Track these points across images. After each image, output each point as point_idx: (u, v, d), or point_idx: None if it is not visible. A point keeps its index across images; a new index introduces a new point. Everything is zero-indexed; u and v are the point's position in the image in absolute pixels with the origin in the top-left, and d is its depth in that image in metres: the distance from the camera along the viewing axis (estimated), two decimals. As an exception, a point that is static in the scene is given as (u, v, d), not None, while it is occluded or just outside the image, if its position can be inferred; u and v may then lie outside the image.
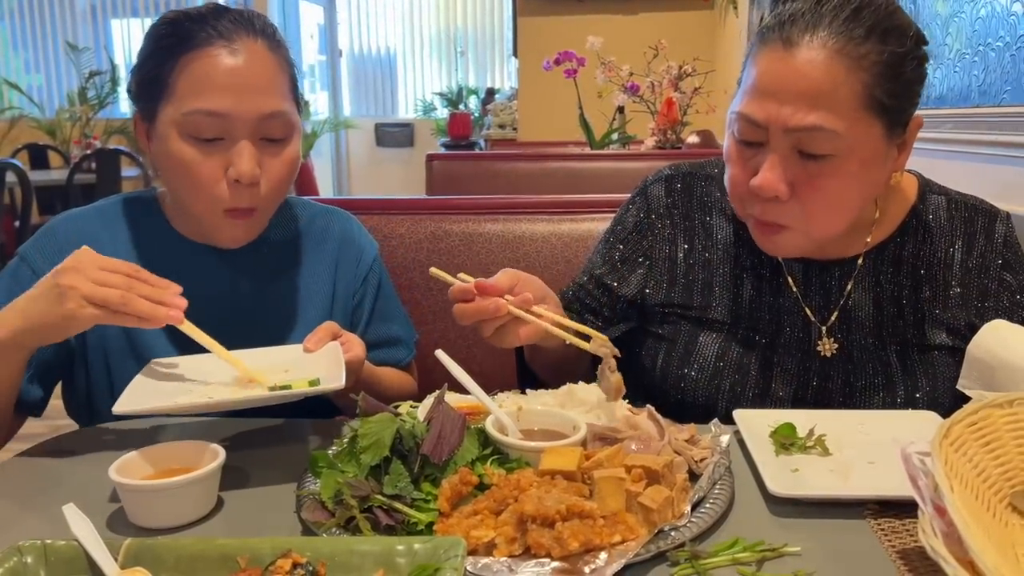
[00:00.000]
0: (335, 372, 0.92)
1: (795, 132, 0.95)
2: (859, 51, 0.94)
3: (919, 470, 0.67)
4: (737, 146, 1.02)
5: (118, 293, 0.90)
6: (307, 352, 1.04)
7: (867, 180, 1.00)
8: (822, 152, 0.96)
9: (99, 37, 8.51)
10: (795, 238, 1.03)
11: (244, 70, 1.04)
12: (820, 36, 0.94)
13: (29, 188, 4.98)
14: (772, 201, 0.99)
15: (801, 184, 0.98)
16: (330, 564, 0.66)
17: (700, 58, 3.70)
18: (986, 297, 1.10)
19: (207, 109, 1.03)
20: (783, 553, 0.72)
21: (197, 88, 1.03)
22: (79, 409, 1.17)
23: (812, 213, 1.00)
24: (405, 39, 9.40)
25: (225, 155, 1.05)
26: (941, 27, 1.90)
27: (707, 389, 1.10)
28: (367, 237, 1.32)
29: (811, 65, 0.94)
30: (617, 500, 0.73)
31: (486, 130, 6.85)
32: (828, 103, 0.94)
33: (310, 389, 0.91)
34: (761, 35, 1.00)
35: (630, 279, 1.19)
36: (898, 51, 0.95)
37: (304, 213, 1.28)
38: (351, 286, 1.27)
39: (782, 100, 0.95)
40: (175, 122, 1.04)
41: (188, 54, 1.04)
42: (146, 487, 0.78)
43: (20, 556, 0.67)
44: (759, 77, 0.98)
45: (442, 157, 3.01)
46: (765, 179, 0.98)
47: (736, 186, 1.04)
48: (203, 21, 1.05)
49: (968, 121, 1.77)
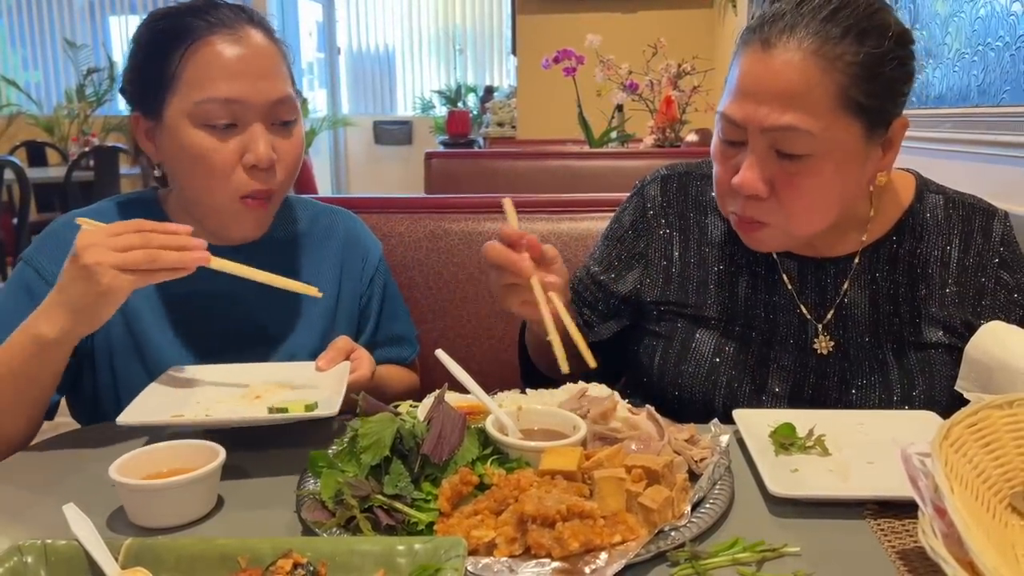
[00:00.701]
0: (333, 399, 0.94)
1: (771, 132, 0.97)
2: (835, 52, 0.95)
3: (919, 471, 0.67)
4: (721, 145, 1.05)
5: (142, 253, 0.91)
6: (319, 371, 1.06)
7: (846, 180, 1.01)
8: (798, 152, 0.97)
9: (97, 34, 8.49)
10: (775, 235, 1.05)
11: (250, 56, 1.06)
12: (797, 37, 0.95)
13: (27, 186, 4.97)
14: (752, 199, 1.01)
15: (780, 183, 0.99)
16: (331, 564, 0.66)
17: (699, 56, 3.70)
18: (983, 295, 1.10)
19: (222, 96, 1.04)
20: (783, 553, 0.72)
21: (207, 77, 1.04)
22: (84, 411, 1.17)
23: (791, 211, 1.01)
24: (404, 37, 9.39)
25: (239, 141, 1.06)
26: (940, 27, 1.90)
27: (704, 385, 1.11)
28: (371, 237, 1.32)
29: (787, 66, 0.95)
30: (617, 500, 0.73)
31: (485, 128, 6.84)
32: (803, 104, 0.95)
33: (305, 415, 0.92)
34: (744, 36, 1.02)
35: (626, 277, 1.20)
36: (875, 52, 0.95)
37: (307, 212, 1.28)
38: (357, 287, 1.27)
39: (759, 100, 0.97)
40: (186, 113, 1.05)
41: (192, 45, 1.05)
42: (146, 487, 0.78)
43: (20, 556, 0.67)
44: (740, 78, 1.00)
45: (441, 155, 3.01)
46: (744, 178, 1.00)
47: (720, 184, 1.07)
48: (201, 13, 1.06)
49: (967, 121, 1.77)
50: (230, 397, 1.01)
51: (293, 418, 0.92)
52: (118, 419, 0.88)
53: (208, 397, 1.01)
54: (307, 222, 1.26)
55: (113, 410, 1.12)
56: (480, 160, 3.04)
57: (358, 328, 1.27)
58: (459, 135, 7.07)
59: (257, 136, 1.06)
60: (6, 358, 0.95)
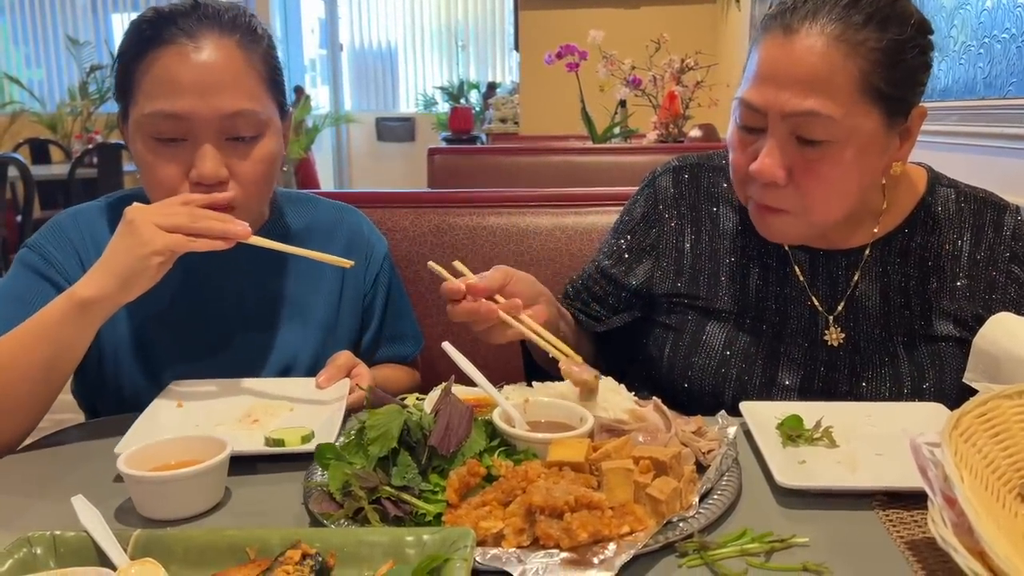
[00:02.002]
0: (331, 428, 0.93)
1: (792, 117, 0.97)
2: (857, 38, 0.95)
3: (929, 461, 0.67)
4: (739, 132, 1.04)
5: (186, 211, 0.94)
6: (319, 388, 1.06)
7: (865, 167, 1.00)
8: (819, 138, 0.97)
9: (100, 31, 8.50)
10: (794, 223, 1.04)
11: (205, 69, 1.02)
12: (820, 23, 0.96)
13: (31, 183, 4.98)
14: (770, 186, 1.01)
15: (799, 170, 0.99)
16: (340, 555, 0.67)
17: (702, 52, 3.69)
18: (994, 289, 1.10)
19: (166, 111, 1.02)
20: (791, 544, 0.72)
21: (158, 89, 1.02)
22: (85, 393, 1.18)
23: (810, 199, 1.00)
24: (406, 33, 9.38)
25: (187, 157, 1.03)
26: (946, 19, 1.89)
27: (714, 378, 1.11)
28: (376, 234, 1.31)
29: (809, 51, 0.95)
30: (625, 491, 0.73)
31: (487, 124, 6.84)
32: (825, 89, 0.95)
33: (301, 448, 0.89)
34: (764, 23, 1.02)
35: (636, 270, 1.19)
36: (897, 38, 0.96)
37: (313, 208, 1.28)
38: (361, 284, 1.27)
39: (780, 85, 0.97)
40: (138, 124, 1.04)
41: (152, 52, 1.03)
42: (155, 478, 0.78)
43: (30, 547, 0.67)
44: (760, 64, 1.00)
45: (444, 151, 3.01)
46: (763, 164, 0.99)
47: (737, 171, 1.06)
48: (171, 20, 1.04)
49: (973, 113, 1.77)
50: (228, 419, 0.99)
51: (289, 451, 0.90)
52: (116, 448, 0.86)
53: (206, 420, 0.99)
54: (312, 218, 1.26)
55: (112, 399, 1.12)
56: (483, 156, 3.03)
57: (362, 324, 1.27)
58: (462, 131, 7.08)
59: (204, 154, 1.02)
60: (42, 323, 0.94)
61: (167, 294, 1.13)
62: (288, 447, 0.90)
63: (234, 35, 1.05)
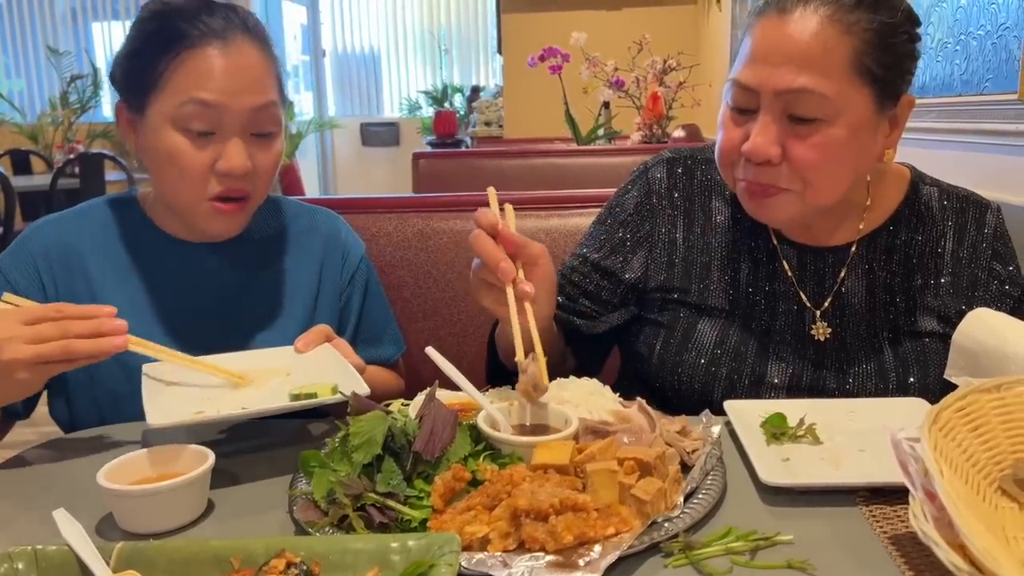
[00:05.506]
0: (350, 378, 0.93)
1: (785, 95, 0.98)
2: (849, 18, 0.97)
3: (909, 456, 0.67)
4: (731, 113, 1.05)
5: (57, 346, 0.88)
6: (298, 353, 1.05)
7: (857, 148, 1.01)
8: (812, 115, 0.98)
9: (80, 40, 8.44)
10: (789, 201, 1.03)
11: (238, 69, 1.06)
12: (813, 4, 0.98)
13: (12, 194, 4.93)
14: (764, 165, 1.01)
15: (792, 147, 1.00)
16: (324, 563, 0.66)
17: (684, 52, 3.72)
18: (976, 287, 1.12)
19: (202, 99, 1.04)
20: (776, 542, 0.72)
21: (192, 85, 1.05)
22: (61, 412, 1.16)
23: (806, 176, 1.01)
24: (389, 38, 9.36)
25: (215, 149, 1.07)
26: (923, 17, 1.91)
27: (704, 376, 1.11)
28: (353, 236, 1.32)
29: (803, 30, 0.97)
30: (610, 493, 0.73)
31: (472, 128, 6.82)
32: (818, 66, 0.96)
33: (334, 398, 0.89)
34: (759, 8, 1.03)
35: (632, 262, 1.19)
36: (888, 21, 0.98)
37: (289, 211, 1.29)
38: (337, 284, 1.27)
39: (774, 64, 0.98)
40: (167, 116, 1.06)
41: (183, 52, 1.05)
42: (135, 492, 0.77)
43: (11, 562, 0.66)
44: (754, 44, 1.01)
45: (429, 155, 3.01)
46: (756, 143, 1.00)
47: (728, 151, 1.06)
48: (195, 18, 1.06)
49: (951, 110, 1.78)
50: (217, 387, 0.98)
51: (323, 402, 0.90)
52: (150, 420, 0.86)
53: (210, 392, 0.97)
54: (288, 220, 1.27)
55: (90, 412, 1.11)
56: (468, 160, 3.04)
57: (339, 326, 1.27)
58: (446, 135, 7.06)
59: (234, 146, 1.06)
60: None
61: (142, 297, 1.13)
62: (321, 398, 0.89)
63: (256, 36, 1.10)
